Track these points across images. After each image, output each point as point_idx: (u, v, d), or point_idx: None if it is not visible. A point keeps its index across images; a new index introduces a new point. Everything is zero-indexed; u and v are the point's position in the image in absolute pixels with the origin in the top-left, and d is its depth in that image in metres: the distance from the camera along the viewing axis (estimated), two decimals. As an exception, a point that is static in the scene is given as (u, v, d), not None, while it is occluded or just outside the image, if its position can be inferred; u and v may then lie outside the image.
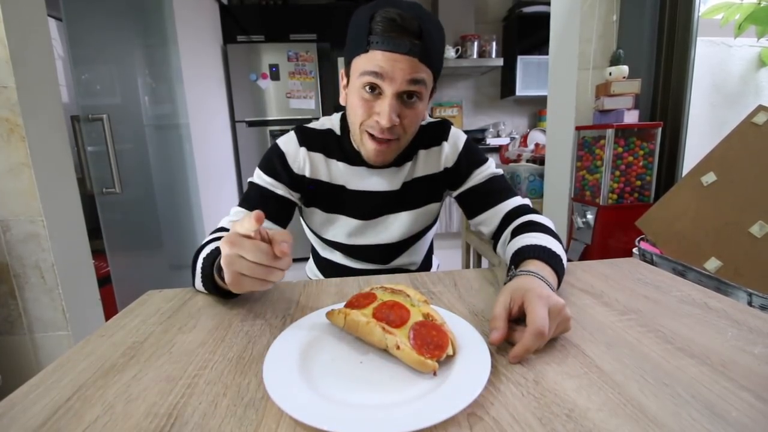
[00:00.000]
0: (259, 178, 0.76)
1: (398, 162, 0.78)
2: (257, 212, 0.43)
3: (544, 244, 0.59)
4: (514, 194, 0.78)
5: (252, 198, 0.76)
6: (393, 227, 0.82)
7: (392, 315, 0.45)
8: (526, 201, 0.77)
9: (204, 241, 0.67)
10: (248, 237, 0.44)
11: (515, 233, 0.67)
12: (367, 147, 0.70)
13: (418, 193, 0.81)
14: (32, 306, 1.14)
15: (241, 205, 0.75)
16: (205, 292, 0.63)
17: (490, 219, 0.77)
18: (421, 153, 0.80)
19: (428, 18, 0.63)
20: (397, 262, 0.88)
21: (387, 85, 0.63)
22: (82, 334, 1.18)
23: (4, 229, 1.08)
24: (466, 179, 0.79)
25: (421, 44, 0.61)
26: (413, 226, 0.83)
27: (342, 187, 0.79)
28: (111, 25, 1.64)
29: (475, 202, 0.79)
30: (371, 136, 0.69)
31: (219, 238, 0.63)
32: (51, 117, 1.13)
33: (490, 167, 0.80)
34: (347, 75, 0.69)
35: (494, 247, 0.79)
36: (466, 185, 0.80)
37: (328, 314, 0.49)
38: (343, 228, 0.82)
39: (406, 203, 0.81)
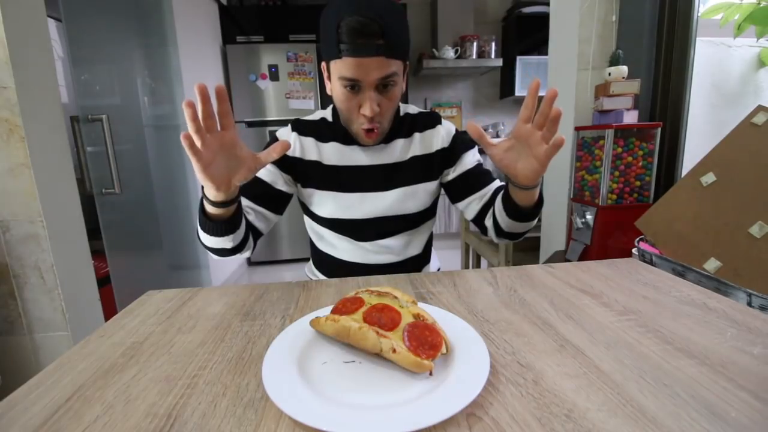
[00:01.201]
0: None
1: (386, 139, 0.85)
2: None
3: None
4: (493, 178, 0.88)
5: (247, 184, 0.81)
6: (387, 199, 0.85)
7: (383, 318, 0.44)
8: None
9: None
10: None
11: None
12: (360, 136, 0.80)
13: (411, 171, 0.86)
14: (32, 306, 1.14)
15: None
16: (210, 235, 0.68)
17: (482, 196, 0.85)
18: (417, 135, 0.87)
19: (386, 11, 0.69)
20: (394, 242, 0.88)
21: (364, 83, 0.71)
22: (82, 335, 1.18)
23: (4, 230, 1.08)
24: (458, 160, 0.87)
25: (385, 43, 0.68)
26: (407, 202, 0.86)
27: (335, 165, 0.85)
28: (110, 25, 1.64)
29: (469, 185, 0.87)
30: (362, 128, 0.78)
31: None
32: (50, 117, 1.13)
33: (476, 153, 0.89)
34: (328, 70, 0.77)
35: (482, 220, 0.85)
36: (459, 168, 0.87)
37: (313, 322, 0.48)
38: (340, 202, 0.85)
39: (400, 179, 0.86)
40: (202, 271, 2.37)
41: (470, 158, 0.87)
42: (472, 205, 0.86)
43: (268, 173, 0.83)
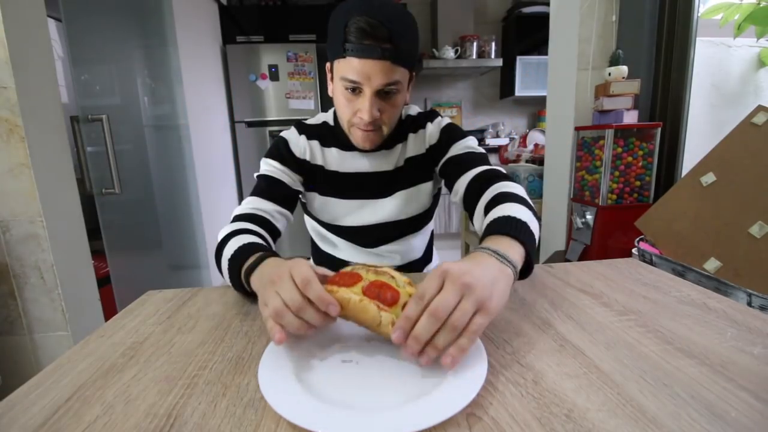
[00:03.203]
0: (267, 165, 0.82)
1: (388, 145, 0.84)
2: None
3: (502, 214, 0.56)
4: (487, 164, 0.77)
5: (263, 186, 0.80)
6: (387, 206, 0.85)
7: (383, 294, 0.43)
8: (498, 168, 0.75)
9: (224, 234, 0.66)
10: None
11: (487, 210, 0.64)
12: (355, 136, 0.78)
13: (408, 174, 0.86)
14: (32, 306, 1.13)
15: (253, 194, 0.79)
16: (237, 290, 0.63)
17: (461, 184, 0.76)
18: (411, 137, 0.86)
19: (397, 17, 0.67)
20: (396, 247, 0.89)
21: (366, 87, 0.69)
22: (82, 335, 1.18)
23: (4, 230, 1.08)
24: (446, 151, 0.83)
25: (392, 48, 0.66)
26: (407, 206, 0.86)
27: (336, 171, 0.84)
28: (110, 25, 1.64)
29: (453, 172, 0.79)
30: (358, 128, 0.76)
31: (240, 230, 0.66)
32: (51, 117, 1.13)
33: (468, 141, 0.82)
34: (331, 71, 0.76)
35: (471, 207, 0.74)
36: (445, 156, 0.82)
37: None
38: (341, 209, 0.85)
39: (399, 184, 0.85)
40: (202, 271, 2.37)
41: (459, 146, 0.81)
42: (456, 196, 0.78)
43: (284, 174, 0.82)
